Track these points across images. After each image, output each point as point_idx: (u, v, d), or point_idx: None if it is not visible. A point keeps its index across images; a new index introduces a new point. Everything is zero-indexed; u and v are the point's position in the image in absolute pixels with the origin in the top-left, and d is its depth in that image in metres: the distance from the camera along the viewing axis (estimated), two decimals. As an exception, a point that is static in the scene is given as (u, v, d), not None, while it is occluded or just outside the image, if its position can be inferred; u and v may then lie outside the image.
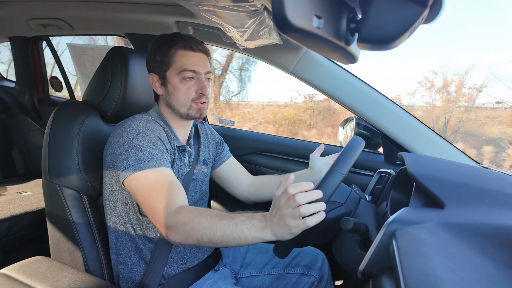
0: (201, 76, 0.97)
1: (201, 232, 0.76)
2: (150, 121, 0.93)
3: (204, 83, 0.97)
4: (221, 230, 0.74)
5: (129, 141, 0.86)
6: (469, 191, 0.66)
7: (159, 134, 0.91)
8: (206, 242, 0.76)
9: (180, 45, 0.94)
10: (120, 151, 0.86)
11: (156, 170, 0.84)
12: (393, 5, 0.46)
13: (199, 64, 0.96)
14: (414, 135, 1.16)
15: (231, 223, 0.74)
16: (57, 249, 1.02)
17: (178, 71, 0.94)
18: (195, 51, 0.96)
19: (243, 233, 0.73)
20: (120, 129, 0.89)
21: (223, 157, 1.23)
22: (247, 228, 0.73)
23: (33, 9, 1.53)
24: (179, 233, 0.78)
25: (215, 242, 0.76)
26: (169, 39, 0.96)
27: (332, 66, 1.21)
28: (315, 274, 1.12)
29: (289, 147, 1.55)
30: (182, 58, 0.94)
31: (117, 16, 1.43)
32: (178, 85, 0.95)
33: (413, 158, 0.82)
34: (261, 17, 0.93)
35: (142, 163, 0.84)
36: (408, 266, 0.45)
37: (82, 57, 2.03)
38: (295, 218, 0.67)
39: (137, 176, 0.84)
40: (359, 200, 0.85)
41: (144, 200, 0.83)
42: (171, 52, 0.94)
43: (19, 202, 1.62)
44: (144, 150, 0.85)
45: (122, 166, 0.85)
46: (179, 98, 0.96)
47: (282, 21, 0.42)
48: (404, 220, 0.59)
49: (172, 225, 0.79)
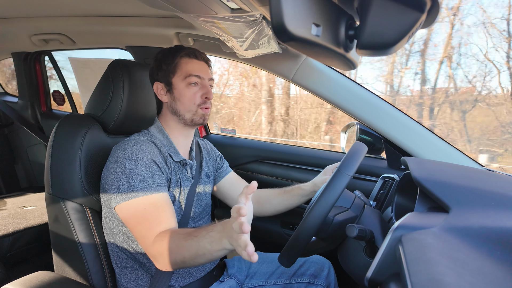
0: (205, 81, 1.01)
1: (175, 258, 0.78)
2: (144, 142, 0.94)
3: (208, 88, 1.01)
4: (188, 251, 0.76)
5: (122, 168, 0.87)
6: (475, 194, 0.65)
7: (152, 156, 0.91)
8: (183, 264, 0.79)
9: (184, 53, 1.00)
10: (112, 178, 0.87)
11: (146, 198, 0.85)
12: (391, 11, 0.46)
13: (203, 71, 1.01)
14: (417, 139, 1.15)
15: (194, 241, 0.75)
16: (60, 263, 1.02)
17: (183, 76, 0.98)
18: (198, 59, 1.01)
19: (206, 248, 0.73)
20: (115, 154, 0.90)
21: (223, 172, 1.23)
22: (208, 243, 0.73)
23: (35, 25, 1.56)
24: (160, 263, 0.82)
25: (189, 263, 0.78)
26: (173, 50, 1.01)
27: (332, 73, 1.21)
28: (322, 282, 1.11)
29: (291, 155, 1.55)
30: (187, 64, 0.99)
31: (118, 30, 1.45)
32: (183, 90, 0.99)
33: (417, 162, 0.82)
34: (260, 26, 0.94)
35: (133, 191, 0.85)
36: (415, 272, 0.45)
37: (84, 71, 2.06)
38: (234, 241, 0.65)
39: (127, 204, 0.85)
40: (364, 206, 0.84)
41: (133, 228, 0.86)
42: (176, 60, 0.99)
43: (22, 216, 1.62)
44: (135, 178, 0.86)
45: (114, 193, 0.86)
46: (184, 103, 0.99)
47: (281, 30, 0.43)
48: (410, 226, 0.58)
49: (153, 256, 0.83)
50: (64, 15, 1.45)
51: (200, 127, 1.89)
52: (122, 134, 1.10)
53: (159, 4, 0.88)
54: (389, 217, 0.87)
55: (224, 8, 0.84)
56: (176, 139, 1.03)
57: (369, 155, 1.37)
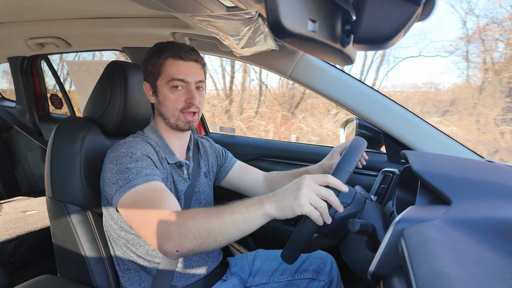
0: (191, 85, 0.96)
1: (197, 227, 0.70)
2: (139, 142, 0.93)
3: (192, 93, 0.95)
4: (217, 217, 0.70)
5: (117, 164, 0.85)
6: (475, 186, 0.65)
7: (147, 153, 0.91)
8: (204, 238, 0.70)
9: (169, 54, 0.94)
10: (109, 176, 0.86)
11: (145, 185, 0.83)
12: (387, 5, 0.46)
13: (188, 73, 0.95)
14: (416, 132, 1.15)
15: (227, 208, 0.72)
16: (63, 266, 1.02)
17: (166, 80, 0.94)
18: (184, 60, 0.95)
19: (241, 212, 0.69)
20: (110, 154, 0.89)
21: (228, 164, 1.23)
22: (245, 207, 0.70)
23: (30, 29, 1.55)
24: (174, 237, 0.72)
25: (214, 235, 0.70)
26: (159, 49, 0.96)
27: (330, 68, 1.21)
28: (325, 278, 1.11)
29: (291, 152, 1.55)
30: (171, 67, 0.94)
31: (114, 31, 1.45)
32: (167, 94, 0.95)
33: (417, 155, 0.82)
34: (256, 24, 0.93)
35: (131, 181, 0.83)
36: (418, 265, 0.45)
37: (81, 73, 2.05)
38: (308, 199, 0.67)
39: (127, 195, 0.82)
40: (365, 201, 0.84)
41: (134, 217, 0.80)
42: (160, 62, 0.95)
43: (24, 221, 1.62)
44: (132, 169, 0.84)
45: (113, 189, 0.84)
46: (168, 108, 0.96)
47: (277, 27, 0.43)
48: (411, 219, 0.58)
49: (165, 232, 0.73)
50: (59, 18, 1.44)
51: (199, 126, 1.89)
52: (121, 136, 1.10)
53: (154, 5, 0.88)
54: (391, 211, 0.87)
55: (219, 6, 0.84)
56: (171, 140, 1.02)
57: (369, 149, 1.38)
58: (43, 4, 1.27)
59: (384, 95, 1.19)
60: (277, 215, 0.70)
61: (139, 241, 0.94)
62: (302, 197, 0.67)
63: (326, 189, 0.69)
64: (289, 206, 0.68)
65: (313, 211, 0.67)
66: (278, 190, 0.72)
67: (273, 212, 0.69)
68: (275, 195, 0.71)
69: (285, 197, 0.69)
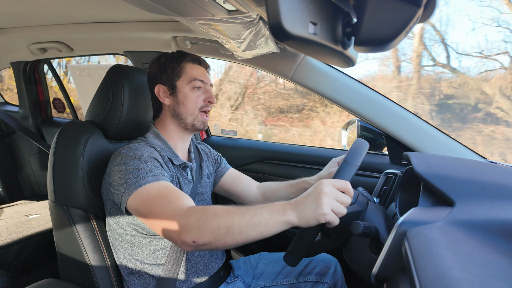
0: (208, 86, 1.05)
1: (217, 223, 0.71)
2: (144, 146, 0.94)
3: (211, 93, 1.04)
4: (239, 216, 0.71)
5: (126, 167, 0.86)
6: (478, 187, 0.65)
7: (154, 156, 0.92)
8: (223, 235, 0.71)
9: (189, 58, 1.04)
10: (118, 177, 0.86)
11: (156, 183, 0.84)
12: (387, 7, 0.46)
13: (205, 76, 1.05)
14: (418, 133, 1.15)
15: (250, 209, 0.72)
16: (66, 270, 1.02)
17: (188, 80, 1.01)
18: (201, 65, 1.05)
19: (264, 216, 0.70)
20: (117, 159, 0.90)
21: (222, 169, 1.24)
22: (268, 212, 0.70)
23: (33, 34, 1.56)
24: (193, 230, 0.73)
25: (233, 233, 0.70)
26: (177, 55, 1.04)
27: (331, 71, 1.21)
28: (329, 281, 1.11)
29: (293, 154, 1.55)
30: (192, 69, 1.03)
31: (116, 36, 1.46)
32: (188, 93, 1.01)
33: (419, 157, 0.82)
34: (257, 27, 0.94)
35: (141, 179, 0.84)
36: (422, 267, 0.45)
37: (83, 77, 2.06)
38: (330, 207, 0.67)
39: (138, 192, 0.82)
40: (367, 202, 0.84)
41: (149, 212, 0.80)
42: (182, 64, 1.02)
43: (27, 225, 1.62)
44: (142, 169, 0.86)
45: (123, 189, 0.84)
46: (188, 106, 1.01)
47: (278, 30, 0.43)
48: (414, 221, 0.58)
49: (185, 224, 0.74)
50: (62, 23, 1.45)
51: (200, 129, 1.89)
52: (123, 140, 1.11)
53: (156, 9, 0.88)
54: (393, 213, 0.87)
55: (220, 10, 0.84)
56: (174, 143, 1.04)
57: (371, 151, 1.37)
58: (46, 9, 1.28)
59: (385, 96, 1.19)
60: (300, 224, 0.70)
61: (145, 242, 0.94)
62: (325, 205, 0.67)
63: (344, 195, 0.70)
64: (313, 215, 0.68)
65: (336, 218, 0.68)
66: (300, 197, 0.72)
67: (295, 221, 0.70)
68: (297, 203, 0.71)
69: (307, 206, 0.69)
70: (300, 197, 0.72)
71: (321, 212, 0.67)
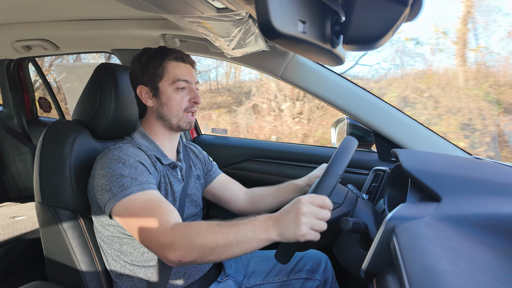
0: (193, 85, 1.00)
1: (202, 243, 0.72)
2: (130, 147, 0.92)
3: (196, 92, 1.00)
4: (223, 236, 0.72)
5: (110, 172, 0.84)
6: (464, 182, 0.67)
7: (140, 159, 0.89)
8: (208, 254, 0.73)
9: (172, 56, 0.97)
10: (102, 183, 0.84)
11: (142, 194, 0.82)
12: (375, 6, 0.47)
13: (190, 75, 0.99)
14: (406, 131, 1.17)
15: (233, 228, 0.72)
16: (54, 272, 1.00)
17: (171, 81, 0.96)
18: (185, 63, 0.99)
19: (247, 236, 0.70)
20: (101, 161, 0.88)
21: (213, 174, 1.22)
22: (251, 230, 0.71)
23: (17, 31, 1.52)
24: (178, 249, 0.74)
25: (218, 252, 0.72)
26: (158, 52, 0.98)
27: (320, 69, 1.22)
28: (320, 277, 1.12)
29: (283, 152, 1.55)
30: (174, 69, 0.97)
31: (103, 33, 1.43)
32: (172, 95, 0.97)
33: (407, 154, 0.83)
34: (247, 25, 0.94)
35: (126, 189, 0.82)
36: (409, 262, 0.45)
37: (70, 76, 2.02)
38: (309, 226, 0.68)
39: (123, 203, 0.81)
40: (357, 199, 0.85)
41: (134, 225, 0.80)
42: (163, 64, 0.96)
43: (13, 227, 1.59)
44: (127, 177, 0.83)
45: (106, 196, 0.83)
46: (172, 108, 0.97)
47: (267, 28, 0.43)
48: (402, 216, 0.59)
49: (170, 243, 0.75)
50: (47, 20, 1.42)
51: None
52: (111, 139, 1.09)
53: (144, 6, 0.87)
54: (382, 209, 0.89)
55: (209, 7, 0.84)
56: (162, 143, 1.02)
57: (360, 148, 1.39)
58: (30, 5, 1.24)
59: (374, 94, 1.20)
60: (281, 241, 0.71)
61: (133, 244, 0.92)
62: (303, 226, 0.67)
63: (323, 211, 0.69)
64: (292, 235, 0.68)
65: (316, 235, 0.69)
66: (280, 213, 0.72)
67: (277, 238, 0.70)
68: (278, 220, 0.71)
69: (287, 225, 0.69)
70: (280, 214, 0.71)
71: (300, 234, 0.67)
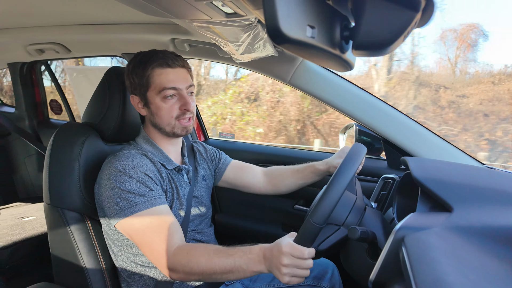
0: (183, 91, 0.94)
1: (201, 271, 0.79)
2: (135, 156, 0.91)
3: (186, 99, 0.94)
4: (220, 267, 0.78)
5: (117, 185, 0.85)
6: (476, 192, 0.65)
7: (145, 170, 0.89)
8: (206, 278, 0.81)
9: (156, 63, 0.91)
10: (109, 195, 0.86)
11: (149, 211, 0.84)
12: (385, 11, 0.46)
13: (178, 80, 0.93)
14: (416, 138, 1.15)
15: (229, 260, 0.78)
16: (60, 273, 1.01)
17: (158, 90, 0.92)
18: (172, 67, 0.93)
19: (241, 267, 0.77)
20: (107, 170, 0.88)
21: (222, 165, 1.22)
22: (245, 263, 0.77)
23: (30, 35, 1.56)
24: (179, 273, 0.82)
25: (215, 278, 0.80)
26: (143, 59, 0.93)
27: (329, 75, 1.21)
28: (326, 285, 1.10)
29: (291, 157, 1.54)
30: (160, 76, 0.92)
31: (114, 37, 1.45)
32: (160, 104, 0.93)
33: (417, 162, 0.82)
34: (255, 30, 0.94)
35: (133, 206, 0.84)
36: (419, 273, 0.44)
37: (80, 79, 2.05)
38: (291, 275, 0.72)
39: (130, 220, 0.84)
40: (365, 208, 0.84)
41: (140, 241, 0.85)
42: (147, 72, 0.92)
43: (21, 227, 1.61)
44: (134, 193, 0.85)
45: (114, 210, 0.85)
46: (163, 118, 0.94)
47: (276, 33, 0.43)
48: (412, 226, 0.58)
49: (172, 267, 0.82)
50: (59, 24, 1.45)
51: (198, 132, 1.89)
52: (120, 142, 1.10)
53: (154, 11, 0.88)
54: (391, 218, 0.87)
55: (218, 12, 0.84)
56: (165, 147, 1.01)
57: (369, 155, 1.37)
58: (43, 10, 1.27)
59: (383, 101, 1.19)
60: None
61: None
62: (285, 277, 0.72)
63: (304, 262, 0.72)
64: (278, 277, 0.74)
65: (299, 280, 0.74)
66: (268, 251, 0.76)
67: (266, 272, 0.77)
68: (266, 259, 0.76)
69: (273, 267, 0.74)
70: (268, 253, 0.76)
71: (283, 279, 0.73)
